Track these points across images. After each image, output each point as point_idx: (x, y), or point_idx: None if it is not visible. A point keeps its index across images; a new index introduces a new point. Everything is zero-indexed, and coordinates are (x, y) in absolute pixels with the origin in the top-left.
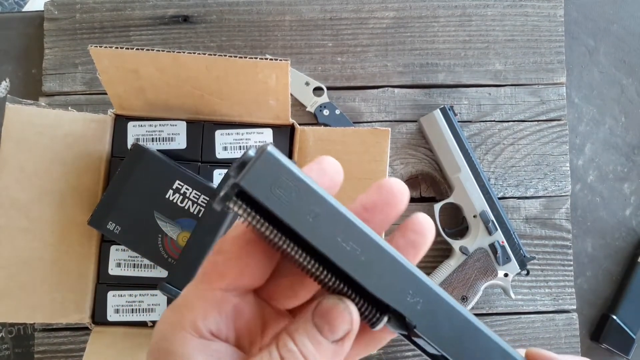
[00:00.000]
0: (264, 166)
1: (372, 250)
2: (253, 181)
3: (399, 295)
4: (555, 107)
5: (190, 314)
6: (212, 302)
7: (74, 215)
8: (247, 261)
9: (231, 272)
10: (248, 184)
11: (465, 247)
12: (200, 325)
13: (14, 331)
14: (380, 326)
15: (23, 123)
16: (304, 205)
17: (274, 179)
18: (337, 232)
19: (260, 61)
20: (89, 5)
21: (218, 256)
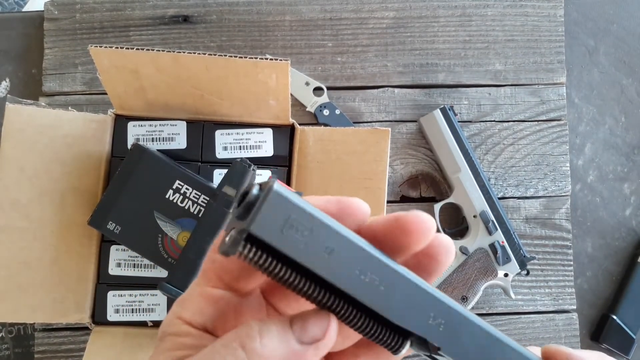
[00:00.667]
0: (272, 207)
1: (390, 278)
2: (263, 225)
3: (421, 320)
4: (555, 107)
5: (189, 306)
6: (208, 299)
7: (74, 215)
8: (243, 264)
9: (227, 273)
10: (258, 229)
11: (465, 247)
12: (196, 319)
13: (14, 331)
14: (403, 352)
15: (23, 123)
16: (318, 243)
17: (284, 219)
18: (354, 265)
19: (261, 61)
20: (89, 5)
21: (216, 255)
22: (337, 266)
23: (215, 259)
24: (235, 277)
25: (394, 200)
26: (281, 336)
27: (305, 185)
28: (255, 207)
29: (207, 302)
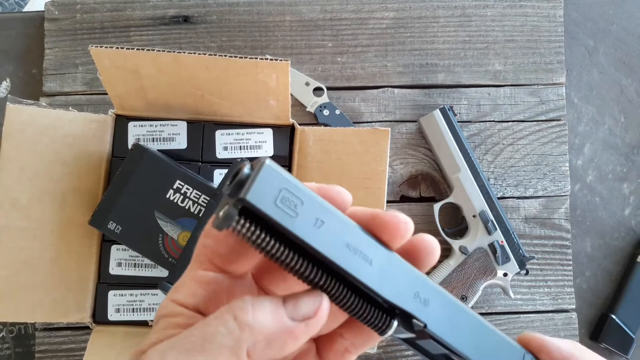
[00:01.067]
0: (266, 179)
1: (377, 254)
2: (257, 195)
3: (407, 296)
4: (554, 107)
5: (182, 289)
6: (200, 283)
7: (75, 215)
8: (235, 247)
9: (218, 256)
10: (253, 198)
11: (465, 247)
12: (189, 300)
13: (15, 330)
14: (390, 332)
15: (24, 123)
16: (309, 215)
17: (277, 190)
18: (343, 238)
19: (261, 61)
20: (90, 6)
21: (207, 239)
22: (326, 238)
23: (206, 243)
24: (227, 259)
25: (394, 200)
26: (273, 311)
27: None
28: (249, 180)
29: (200, 285)
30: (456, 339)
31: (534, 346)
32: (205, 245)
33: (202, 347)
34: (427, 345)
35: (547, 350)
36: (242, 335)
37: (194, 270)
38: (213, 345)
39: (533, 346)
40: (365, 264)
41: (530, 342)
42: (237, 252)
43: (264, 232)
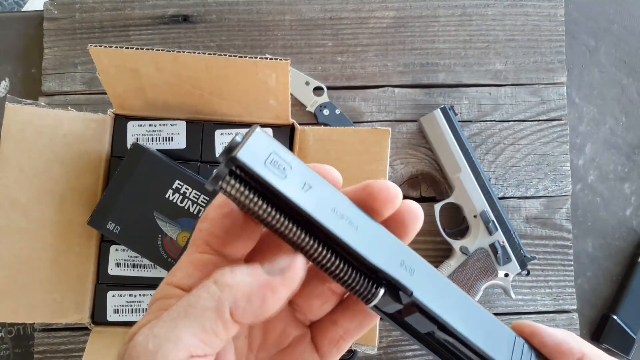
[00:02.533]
0: (257, 142)
1: (364, 223)
2: (249, 155)
3: (393, 263)
4: (555, 107)
5: (178, 272)
6: (196, 264)
7: (74, 215)
8: (230, 229)
9: (214, 238)
10: (244, 156)
11: (466, 247)
12: (185, 282)
13: (14, 331)
14: (376, 300)
15: (23, 123)
16: (298, 178)
17: (268, 154)
18: (331, 204)
19: (260, 61)
20: (89, 5)
21: (203, 224)
22: (314, 201)
23: (202, 227)
24: (222, 241)
25: None
26: (251, 270)
27: None
28: (241, 142)
29: (195, 267)
30: (444, 310)
31: (526, 332)
32: (201, 229)
33: (185, 313)
34: (414, 321)
35: (540, 336)
36: (223, 295)
37: (191, 253)
38: (196, 309)
39: (526, 332)
40: (351, 228)
41: (523, 328)
42: (233, 233)
43: (253, 192)
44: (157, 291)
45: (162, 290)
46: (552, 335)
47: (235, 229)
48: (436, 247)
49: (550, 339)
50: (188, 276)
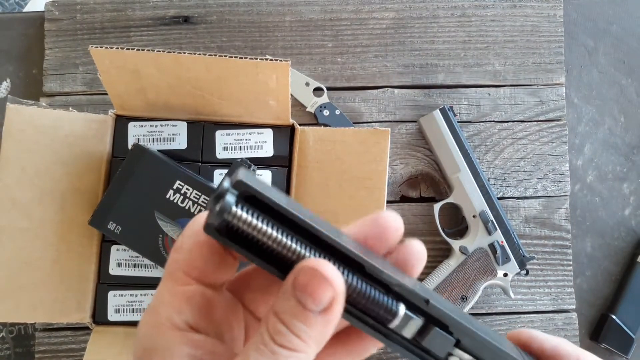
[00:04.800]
0: (248, 173)
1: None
2: (249, 178)
3: (403, 278)
4: (554, 108)
5: (165, 311)
6: (182, 298)
7: (75, 215)
8: (208, 258)
9: (195, 269)
10: (244, 177)
11: (465, 247)
12: (177, 319)
13: (15, 331)
14: (398, 319)
15: (24, 123)
16: (298, 206)
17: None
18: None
19: (261, 62)
20: (90, 6)
21: (179, 254)
22: (321, 223)
23: (177, 258)
24: (203, 271)
25: (394, 200)
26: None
27: (306, 185)
28: (235, 172)
29: (182, 301)
30: (459, 316)
31: (523, 339)
32: (177, 260)
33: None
34: (433, 342)
35: (539, 341)
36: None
37: (172, 287)
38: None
39: (523, 339)
40: (359, 249)
41: (520, 336)
42: (213, 262)
43: (257, 219)
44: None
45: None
46: (549, 339)
47: (214, 257)
48: (435, 247)
49: (548, 343)
50: (178, 312)
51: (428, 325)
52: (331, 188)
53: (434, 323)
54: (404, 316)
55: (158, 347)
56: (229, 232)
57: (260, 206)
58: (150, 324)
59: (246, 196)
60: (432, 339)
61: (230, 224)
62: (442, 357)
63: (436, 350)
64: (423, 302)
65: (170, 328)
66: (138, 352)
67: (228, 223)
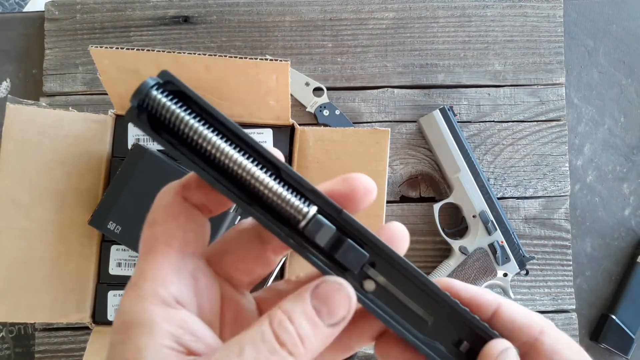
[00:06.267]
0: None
1: None
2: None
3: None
4: (554, 108)
5: (148, 284)
6: (166, 270)
7: (75, 215)
8: (186, 226)
9: (175, 239)
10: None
11: (465, 247)
12: (162, 292)
13: (15, 331)
14: (307, 218)
15: (24, 123)
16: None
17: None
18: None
19: (261, 62)
20: (90, 6)
21: (156, 227)
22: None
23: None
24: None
25: (394, 200)
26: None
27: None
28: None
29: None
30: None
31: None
32: (154, 234)
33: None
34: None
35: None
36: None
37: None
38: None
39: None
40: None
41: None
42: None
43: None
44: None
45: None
46: (467, 289)
47: (191, 225)
48: (435, 247)
49: (465, 292)
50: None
51: (341, 238)
52: None
53: (348, 236)
54: (314, 218)
55: (139, 321)
56: (153, 125)
57: (191, 108)
58: (131, 298)
59: (176, 94)
60: (345, 252)
61: (151, 109)
62: (356, 276)
63: (350, 265)
64: (336, 211)
65: (153, 303)
66: (118, 326)
67: (150, 109)
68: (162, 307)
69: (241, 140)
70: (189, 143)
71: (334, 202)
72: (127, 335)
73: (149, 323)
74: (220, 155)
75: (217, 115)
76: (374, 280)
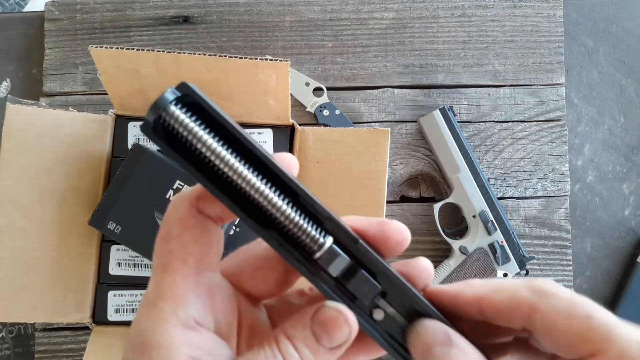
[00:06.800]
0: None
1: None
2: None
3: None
4: (554, 108)
5: (168, 306)
6: (184, 290)
7: (75, 215)
8: (202, 241)
9: (191, 255)
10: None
11: (465, 247)
12: (181, 314)
13: (15, 331)
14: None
15: (24, 123)
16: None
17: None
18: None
19: (261, 62)
20: (90, 6)
21: (170, 243)
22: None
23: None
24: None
25: (394, 200)
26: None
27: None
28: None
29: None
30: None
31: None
32: (169, 250)
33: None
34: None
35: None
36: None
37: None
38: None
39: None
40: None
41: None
42: (205, 244)
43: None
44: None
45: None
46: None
47: (206, 238)
48: (435, 247)
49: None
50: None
51: (355, 268)
52: (331, 188)
53: (361, 266)
54: (329, 249)
55: (159, 344)
56: (167, 139)
57: (208, 122)
58: (151, 320)
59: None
60: (357, 282)
61: (168, 125)
62: (366, 306)
63: (361, 296)
64: (352, 241)
65: (174, 325)
66: (136, 346)
67: (166, 124)
68: (181, 329)
69: (258, 159)
70: (205, 163)
71: (351, 232)
72: (147, 357)
73: (169, 347)
74: (239, 180)
75: (238, 134)
76: (384, 310)
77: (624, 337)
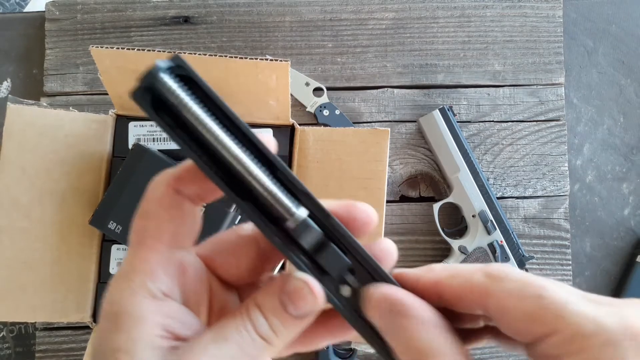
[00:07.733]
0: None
1: None
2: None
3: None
4: (553, 108)
5: (138, 277)
6: (155, 265)
7: (75, 215)
8: (178, 220)
9: (165, 233)
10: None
11: (464, 247)
12: (151, 286)
13: (15, 330)
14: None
15: (24, 123)
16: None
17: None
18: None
19: (261, 62)
20: (90, 6)
21: (147, 221)
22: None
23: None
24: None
25: (394, 200)
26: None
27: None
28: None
29: (156, 268)
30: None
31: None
32: (145, 227)
33: None
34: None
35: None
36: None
37: (143, 254)
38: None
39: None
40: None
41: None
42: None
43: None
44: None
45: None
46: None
47: (183, 219)
48: (435, 247)
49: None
50: (152, 280)
51: (326, 243)
52: (331, 188)
53: (333, 241)
54: (303, 221)
55: (130, 313)
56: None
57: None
58: (122, 290)
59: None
60: (328, 256)
61: (157, 92)
62: (335, 280)
63: (330, 270)
64: (325, 215)
65: (144, 296)
66: (109, 314)
67: (155, 92)
68: (151, 299)
69: (241, 134)
70: (189, 129)
71: (324, 206)
72: (119, 326)
73: (140, 315)
74: (218, 145)
75: (222, 107)
76: (351, 286)
77: (577, 314)
